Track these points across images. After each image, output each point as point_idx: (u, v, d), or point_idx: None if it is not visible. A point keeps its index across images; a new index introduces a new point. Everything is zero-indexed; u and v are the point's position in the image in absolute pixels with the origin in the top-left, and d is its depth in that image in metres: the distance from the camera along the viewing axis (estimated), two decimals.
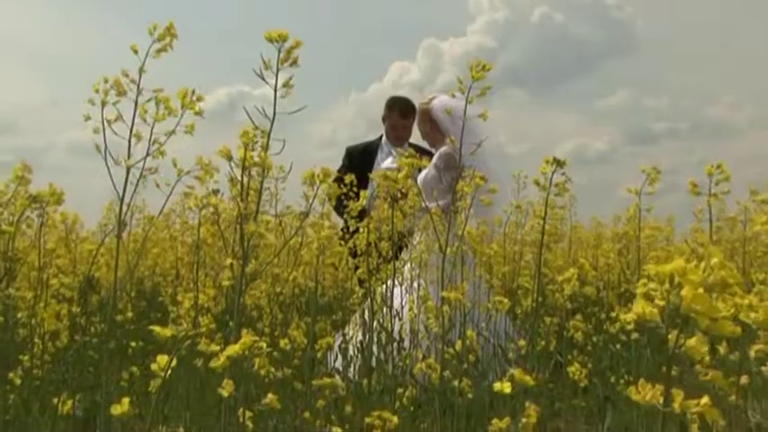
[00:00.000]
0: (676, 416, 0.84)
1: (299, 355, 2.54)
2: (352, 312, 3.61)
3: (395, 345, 3.38)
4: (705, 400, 0.79)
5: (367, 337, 3.33)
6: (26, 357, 2.49)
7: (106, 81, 1.65)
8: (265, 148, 1.46)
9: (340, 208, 4.55)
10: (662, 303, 0.87)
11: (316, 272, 4.22)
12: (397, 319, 3.44)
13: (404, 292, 3.63)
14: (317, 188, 1.59)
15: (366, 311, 3.34)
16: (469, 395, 2.50)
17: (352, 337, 3.44)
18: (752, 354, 1.23)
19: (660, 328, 0.84)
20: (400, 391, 2.84)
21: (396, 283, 3.58)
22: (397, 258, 3.61)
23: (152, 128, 1.59)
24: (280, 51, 1.49)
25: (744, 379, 1.63)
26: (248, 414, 1.31)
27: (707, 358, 0.84)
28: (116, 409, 1.14)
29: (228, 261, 1.65)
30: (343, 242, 3.45)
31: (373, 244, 3.37)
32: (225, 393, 1.23)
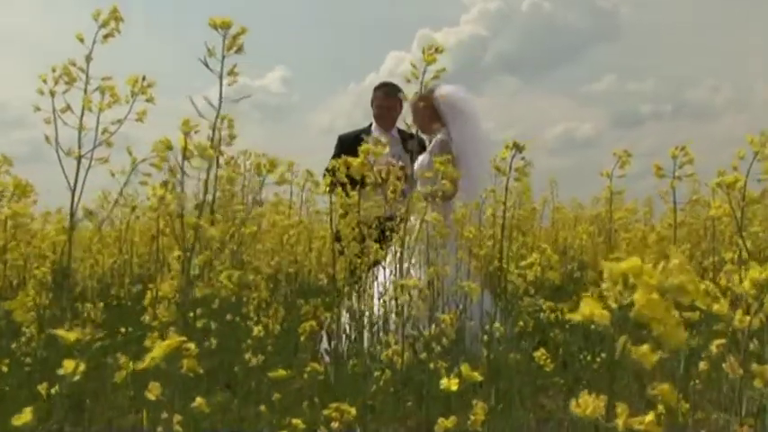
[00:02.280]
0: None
1: (272, 342, 2.45)
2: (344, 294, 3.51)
3: (373, 328, 3.30)
4: (650, 417, 0.69)
5: (348, 320, 3.26)
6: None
7: (54, 70, 1.53)
8: (213, 138, 1.36)
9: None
10: (614, 305, 0.78)
11: (296, 257, 4.16)
12: (378, 301, 3.37)
13: (388, 275, 3.54)
14: (264, 178, 1.49)
15: (353, 295, 3.28)
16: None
17: (338, 320, 3.35)
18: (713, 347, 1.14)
19: (609, 330, 0.75)
20: (377, 374, 2.75)
21: (381, 267, 3.51)
22: (383, 242, 3.51)
23: (98, 117, 1.48)
24: (225, 38, 1.38)
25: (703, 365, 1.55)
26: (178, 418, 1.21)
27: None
28: (17, 420, 1.04)
29: (176, 254, 1.56)
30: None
31: (357, 229, 3.27)
32: (151, 396, 1.14)
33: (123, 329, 2.80)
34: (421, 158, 4.33)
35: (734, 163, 1.90)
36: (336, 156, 4.81)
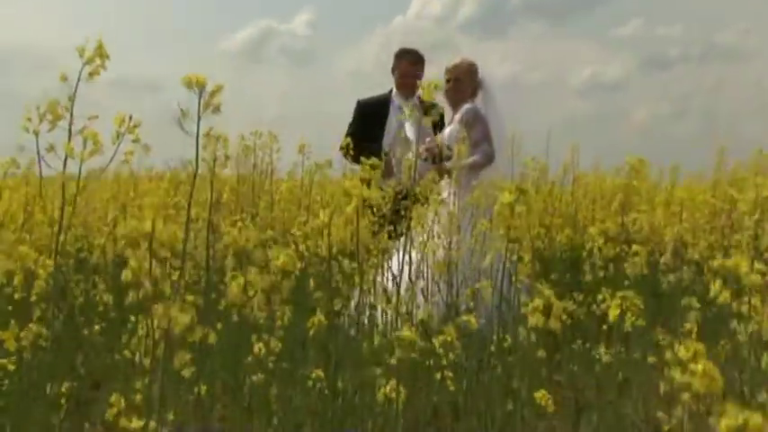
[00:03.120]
0: None
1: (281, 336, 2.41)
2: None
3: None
4: None
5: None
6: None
7: (38, 108, 1.48)
8: None
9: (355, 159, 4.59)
10: None
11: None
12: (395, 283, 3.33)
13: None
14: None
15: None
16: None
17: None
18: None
19: None
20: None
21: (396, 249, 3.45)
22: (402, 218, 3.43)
23: (80, 166, 1.43)
24: (201, 97, 1.30)
25: None
26: None
27: None
28: None
29: None
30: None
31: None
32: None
33: None
34: (449, 129, 4.29)
35: None
36: (356, 121, 4.82)
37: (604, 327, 2.57)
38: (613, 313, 1.73)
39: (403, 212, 3.44)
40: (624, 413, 2.39)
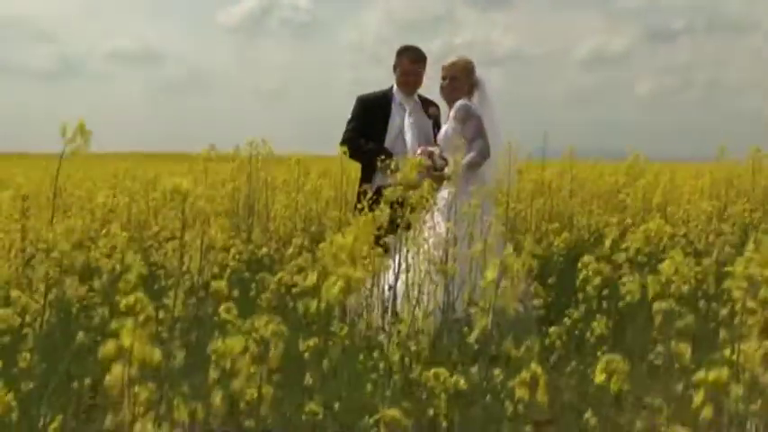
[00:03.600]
0: None
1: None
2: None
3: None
4: None
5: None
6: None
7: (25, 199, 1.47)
8: None
9: (357, 153, 4.60)
10: None
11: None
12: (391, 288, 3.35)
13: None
14: None
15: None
16: None
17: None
18: None
19: None
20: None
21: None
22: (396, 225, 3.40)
23: None
24: None
25: None
26: None
27: None
28: None
29: None
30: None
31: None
32: None
33: None
34: (445, 128, 4.29)
35: None
36: (358, 117, 4.74)
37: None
38: (599, 378, 1.73)
39: (398, 221, 3.40)
40: None
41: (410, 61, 4.74)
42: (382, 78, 5.33)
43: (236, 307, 2.23)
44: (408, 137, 4.57)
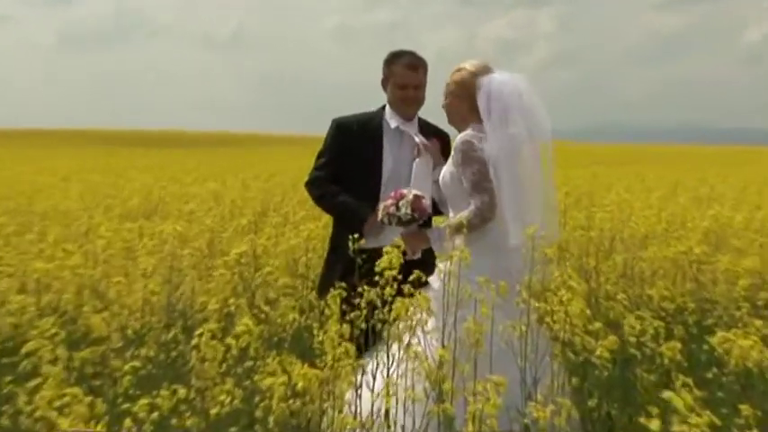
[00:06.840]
0: None
1: None
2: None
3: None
4: None
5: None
6: None
7: None
8: None
9: (324, 206, 3.40)
10: None
11: None
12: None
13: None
14: None
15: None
16: None
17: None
18: None
19: None
20: None
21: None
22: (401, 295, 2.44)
23: None
24: None
25: None
26: None
27: None
28: None
29: None
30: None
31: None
32: None
33: None
34: (444, 172, 3.00)
35: None
36: (333, 149, 3.30)
37: None
38: None
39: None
40: None
41: (406, 67, 3.24)
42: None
43: None
44: (420, 181, 3.11)
